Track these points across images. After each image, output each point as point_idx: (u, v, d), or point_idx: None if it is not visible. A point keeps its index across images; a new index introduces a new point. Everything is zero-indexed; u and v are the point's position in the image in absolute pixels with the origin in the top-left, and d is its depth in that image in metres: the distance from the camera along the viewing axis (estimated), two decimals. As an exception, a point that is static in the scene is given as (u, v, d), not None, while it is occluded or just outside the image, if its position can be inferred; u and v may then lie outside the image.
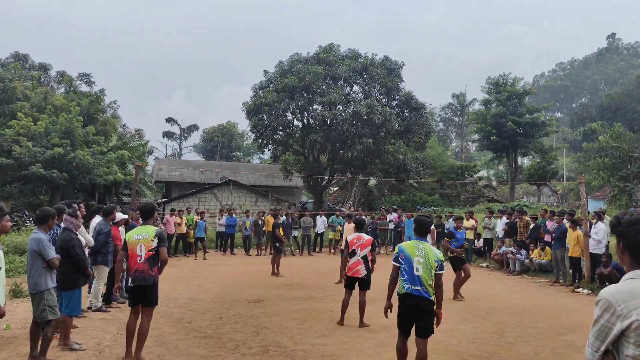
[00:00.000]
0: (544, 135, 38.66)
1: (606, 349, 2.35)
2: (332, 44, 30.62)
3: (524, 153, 39.92)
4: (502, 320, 8.84)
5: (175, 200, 27.27)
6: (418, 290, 5.25)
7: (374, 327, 8.15)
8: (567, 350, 7.01)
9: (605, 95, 62.08)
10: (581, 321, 8.79)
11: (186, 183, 33.01)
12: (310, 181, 30.30)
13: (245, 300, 10.41)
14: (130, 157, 25.67)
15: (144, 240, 6.14)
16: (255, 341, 7.26)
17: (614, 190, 25.53)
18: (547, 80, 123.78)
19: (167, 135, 63.55)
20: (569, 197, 37.75)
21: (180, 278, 13.36)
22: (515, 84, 38.75)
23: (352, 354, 6.69)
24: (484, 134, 37.84)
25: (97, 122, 26.91)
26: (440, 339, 7.48)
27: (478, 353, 6.88)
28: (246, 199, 28.15)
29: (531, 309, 9.96)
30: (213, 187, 28.33)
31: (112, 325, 8.00)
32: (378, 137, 27.47)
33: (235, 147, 62.84)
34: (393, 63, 29.57)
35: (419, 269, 5.28)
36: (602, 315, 2.35)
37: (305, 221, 20.47)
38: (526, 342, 7.43)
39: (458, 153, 66.59)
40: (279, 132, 29.58)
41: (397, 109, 29.26)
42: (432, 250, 5.42)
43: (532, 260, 14.89)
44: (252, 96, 29.57)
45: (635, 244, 2.38)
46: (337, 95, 27.21)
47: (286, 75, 28.42)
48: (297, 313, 9.18)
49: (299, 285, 12.54)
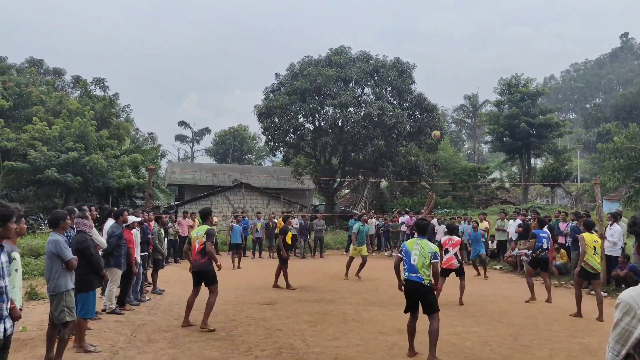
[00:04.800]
0: (557, 136, 38.35)
1: (627, 352, 2.30)
2: (343, 46, 30.64)
3: (537, 154, 39.62)
4: (517, 323, 8.74)
5: (188, 203, 27.39)
6: (412, 277, 6.55)
7: (387, 330, 8.12)
8: (582, 354, 6.91)
9: (620, 96, 61.33)
10: (597, 324, 8.66)
11: (199, 186, 33.15)
12: (321, 183, 30.28)
13: (258, 302, 10.41)
14: (143, 160, 25.82)
15: (199, 237, 8.06)
16: (268, 343, 7.26)
17: (629, 192, 25.15)
18: (560, 82, 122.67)
19: (180, 139, 63.93)
20: (584, 199, 37.35)
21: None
22: (528, 84, 38.46)
23: (365, 356, 6.66)
24: (496, 135, 37.62)
25: (111, 126, 27.15)
26: (454, 342, 7.43)
27: (493, 356, 6.81)
28: (258, 202, 28.19)
29: (546, 311, 9.85)
30: (225, 190, 28.41)
31: (126, 327, 8.04)
32: (389, 139, 27.39)
33: (247, 150, 63.02)
34: (404, 65, 29.49)
35: (415, 260, 6.53)
36: (623, 319, 2.30)
37: (317, 224, 20.46)
38: (541, 345, 7.35)
39: (470, 155, 66.23)
40: (290, 134, 29.63)
41: (409, 111, 29.16)
42: (427, 244, 6.63)
43: (546, 262, 14.72)
44: (264, 99, 29.65)
45: None
46: (348, 97, 27.19)
47: (297, 78, 28.45)
48: (310, 315, 9.16)
49: (311, 288, 12.53)
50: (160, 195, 28.20)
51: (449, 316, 9.28)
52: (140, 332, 7.75)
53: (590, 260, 9.29)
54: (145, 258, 10.74)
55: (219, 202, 27.57)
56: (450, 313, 9.58)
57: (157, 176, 30.54)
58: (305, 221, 20.53)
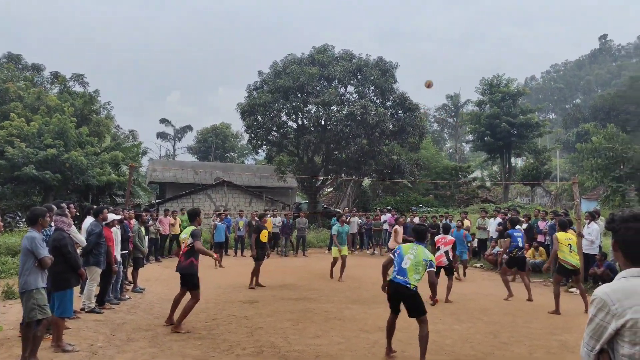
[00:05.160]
0: (537, 136, 38.83)
1: (601, 348, 2.34)
2: (327, 45, 30.64)
3: (517, 154, 40.08)
4: (496, 321, 8.85)
5: (169, 201, 27.18)
6: (399, 279, 6.35)
7: (368, 328, 8.15)
8: (561, 350, 7.02)
9: (598, 97, 62.31)
10: (575, 321, 8.80)
11: (180, 184, 32.92)
12: (304, 182, 30.27)
13: (240, 301, 10.38)
14: (124, 158, 25.49)
15: (184, 239, 8.03)
16: (249, 342, 7.23)
17: (607, 191, 25.64)
18: (541, 82, 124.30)
19: (161, 136, 63.42)
20: (563, 198, 37.91)
21: (175, 279, 13.16)
22: (509, 85, 38.87)
23: (347, 354, 6.68)
24: (478, 135, 37.96)
25: (91, 122, 26.74)
26: (435, 340, 7.47)
27: (473, 353, 6.88)
28: (240, 200, 28.09)
29: (525, 309, 9.98)
30: (207, 188, 28.25)
31: (106, 326, 7.95)
32: (372, 138, 27.48)
33: (229, 147, 62.73)
34: (387, 64, 29.60)
35: (407, 264, 6.36)
36: (597, 315, 2.34)
37: (300, 222, 20.45)
38: (520, 342, 7.44)
39: (452, 154, 66.78)
40: (273, 132, 29.56)
41: (392, 110, 29.29)
42: (424, 251, 6.44)
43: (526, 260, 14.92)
44: (247, 97, 29.53)
45: (626, 241, 2.39)
46: (332, 95, 27.21)
47: (281, 76, 28.40)
48: (292, 314, 9.16)
49: (294, 286, 12.52)
50: (141, 193, 27.90)
51: (430, 314, 9.28)
52: (120, 331, 7.66)
53: (568, 257, 9.55)
54: (125, 256, 10.63)
55: (200, 201, 27.40)
56: (432, 311, 9.61)
57: (138, 174, 30.22)
58: (287, 219, 20.51)
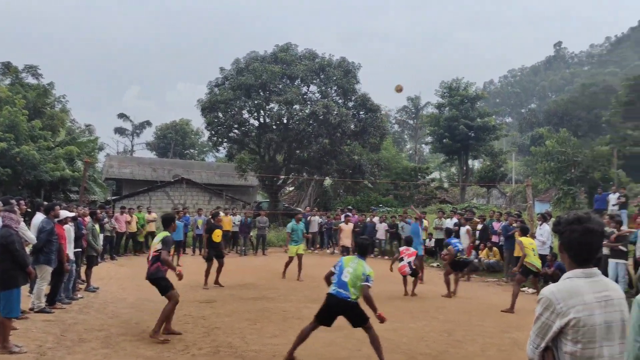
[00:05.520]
0: (494, 138, 39.75)
1: (546, 345, 2.42)
2: (290, 44, 30.58)
3: (474, 156, 40.95)
4: (452, 319, 9.03)
5: (126, 198, 26.60)
6: (340, 292, 6.22)
7: (326, 327, 8.15)
8: (512, 348, 7.23)
9: (552, 102, 64.46)
10: (526, 319, 9.07)
11: (137, 181, 32.26)
12: (265, 180, 30.13)
13: (197, 300, 10.23)
14: (79, 153, 24.74)
15: (155, 244, 7.60)
16: (205, 342, 7.15)
17: (559, 193, 26.51)
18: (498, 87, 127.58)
19: (119, 132, 61.81)
20: (517, 199, 39.03)
21: (130, 278, 13.03)
22: (468, 88, 39.69)
23: (303, 353, 6.67)
24: (437, 137, 38.58)
25: (45, 116, 25.85)
26: (391, 338, 7.58)
27: (428, 351, 7.00)
28: (199, 198, 27.73)
29: (479, 307, 10.23)
30: (165, 186, 27.79)
31: (56, 326, 7.70)
32: (334, 138, 27.60)
33: (189, 144, 61.79)
34: (350, 64, 29.79)
35: (347, 277, 6.25)
36: (543, 313, 2.42)
37: (260, 221, 20.34)
38: (474, 341, 7.62)
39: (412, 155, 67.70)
40: (234, 130, 29.31)
41: (353, 110, 29.49)
42: (363, 266, 6.34)
43: (480, 260, 15.31)
44: (208, 93, 29.18)
45: (571, 243, 2.48)
46: (294, 94, 27.18)
47: (243, 73, 28.18)
48: (250, 313, 9.10)
49: (253, 286, 12.45)
50: (97, 189, 27.16)
51: (387, 312, 9.37)
52: (71, 332, 7.44)
53: (533, 260, 10.13)
54: (78, 255, 10.33)
55: (158, 198, 26.92)
56: (389, 309, 9.73)
57: (93, 170, 29.41)
58: (245, 218, 20.37)
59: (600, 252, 11.21)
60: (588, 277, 2.44)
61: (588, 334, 2.34)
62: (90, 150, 27.76)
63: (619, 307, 2.44)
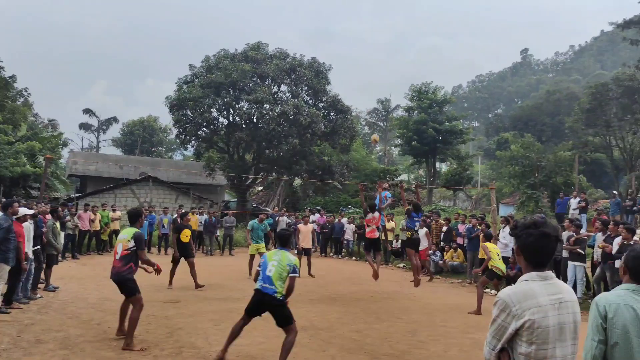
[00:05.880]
0: (461, 142, 40.37)
1: (502, 346, 2.48)
2: (261, 42, 30.43)
3: (442, 159, 41.47)
4: (415, 320, 9.13)
5: (90, 196, 26.02)
6: (266, 288, 6.15)
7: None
8: (473, 348, 7.35)
9: (518, 107, 65.99)
10: (487, 320, 9.23)
11: (103, 178, 31.58)
12: (234, 180, 29.89)
13: (161, 300, 10.07)
14: (41, 148, 24.09)
15: (124, 241, 6.98)
16: (168, 342, 7.05)
17: (522, 197, 27.09)
18: (467, 91, 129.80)
19: (84, 127, 60.43)
20: (482, 202, 39.75)
21: (92, 277, 12.76)
22: (437, 92, 40.23)
23: (267, 354, 6.65)
24: (405, 139, 38.93)
25: (5, 110, 25.10)
26: (355, 338, 7.63)
27: (391, 352, 7.06)
28: (166, 196, 27.33)
29: (442, 308, 10.37)
30: (131, 183, 27.29)
31: (12, 327, 7.47)
32: (304, 138, 27.59)
33: (157, 142, 60.86)
34: (321, 65, 29.84)
35: (272, 271, 6.18)
36: (499, 315, 2.48)
37: (227, 220, 20.18)
38: (436, 341, 7.72)
39: (381, 157, 68.27)
40: (203, 128, 28.98)
41: (324, 111, 29.53)
42: (287, 257, 6.30)
43: (445, 261, 15.54)
44: (176, 90, 28.77)
45: (527, 246, 2.55)
46: (264, 94, 27.06)
47: (212, 71, 27.91)
48: (214, 314, 9.01)
49: (218, 286, 12.33)
50: (60, 186, 26.49)
51: (352, 313, 9.53)
52: (28, 332, 7.23)
53: (497, 263, 10.27)
54: (38, 253, 10.05)
55: (124, 196, 26.43)
56: (354, 310, 9.84)
57: (56, 166, 28.71)
58: (210, 217, 20.18)
59: (559, 255, 11.54)
60: (543, 280, 2.51)
61: (542, 336, 2.40)
62: (54, 145, 27.08)
63: (572, 309, 2.51)
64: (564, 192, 22.20)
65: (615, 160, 30.59)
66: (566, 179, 26.24)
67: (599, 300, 2.78)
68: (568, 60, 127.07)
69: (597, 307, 2.74)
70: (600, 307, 2.73)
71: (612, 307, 2.70)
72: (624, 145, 28.30)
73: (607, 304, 2.72)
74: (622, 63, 41.83)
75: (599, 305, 2.74)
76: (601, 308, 2.72)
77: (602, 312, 2.70)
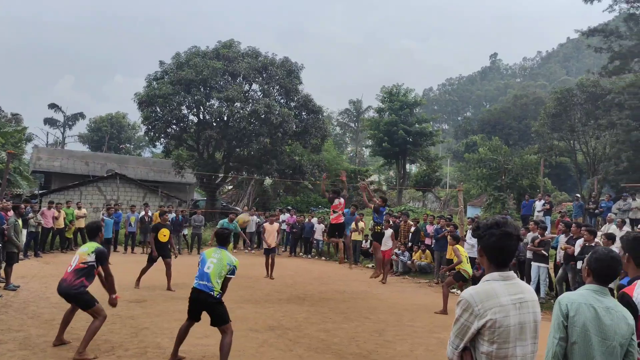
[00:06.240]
0: (431, 144, 40.87)
1: (465, 346, 2.52)
2: (233, 40, 30.19)
3: (412, 160, 41.89)
4: (383, 320, 9.20)
5: (54, 192, 25.39)
6: (202, 285, 6.03)
7: (258, 327, 8.13)
8: (438, 348, 7.45)
9: (486, 111, 67.13)
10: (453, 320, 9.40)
11: (68, 174, 30.89)
12: (203, 178, 29.57)
13: (126, 300, 9.87)
14: (3, 143, 23.42)
15: (83, 254, 6.56)
16: (133, 343, 6.94)
17: (489, 199, 27.56)
18: (437, 94, 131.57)
19: (50, 123, 58.86)
20: (451, 204, 40.32)
21: (55, 276, 12.39)
22: (407, 94, 40.62)
23: (235, 354, 6.59)
24: (376, 140, 39.21)
25: (-35, 102, 24.27)
26: (323, 338, 7.64)
27: (358, 351, 7.10)
28: (133, 194, 26.87)
29: (410, 308, 10.48)
30: (98, 180, 26.73)
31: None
32: (275, 137, 27.49)
33: (125, 139, 59.80)
34: (293, 65, 29.77)
35: (210, 268, 6.07)
36: (462, 315, 2.52)
37: (195, 219, 19.97)
38: (403, 340, 7.80)
39: (353, 157, 68.57)
40: (172, 125, 28.56)
41: (295, 111, 29.47)
42: (228, 256, 6.19)
43: (413, 262, 15.71)
44: (146, 87, 28.30)
45: (490, 246, 2.59)
46: (236, 92, 26.85)
47: (183, 68, 27.55)
48: (181, 313, 8.81)
49: (185, 285, 12.07)
50: (23, 182, 25.76)
51: (321, 313, 9.54)
52: (-14, 333, 7.01)
53: (466, 267, 10.47)
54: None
55: (90, 193, 25.88)
56: (322, 310, 9.85)
57: (19, 161, 27.91)
58: (177, 216, 19.92)
59: (523, 256, 11.80)
60: (505, 280, 2.56)
61: (503, 335, 2.45)
62: (17, 140, 26.37)
63: (532, 309, 2.57)
64: (529, 195, 22.67)
65: (578, 164, 31.43)
66: (532, 182, 26.83)
67: (561, 299, 2.86)
68: (535, 66, 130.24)
69: (559, 305, 2.82)
70: (563, 305, 2.81)
71: (573, 306, 2.78)
72: (587, 149, 29.10)
73: (569, 303, 2.80)
74: (586, 70, 43.09)
75: (562, 304, 2.82)
76: (563, 307, 2.80)
77: (564, 311, 2.78)
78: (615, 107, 26.10)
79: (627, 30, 27.44)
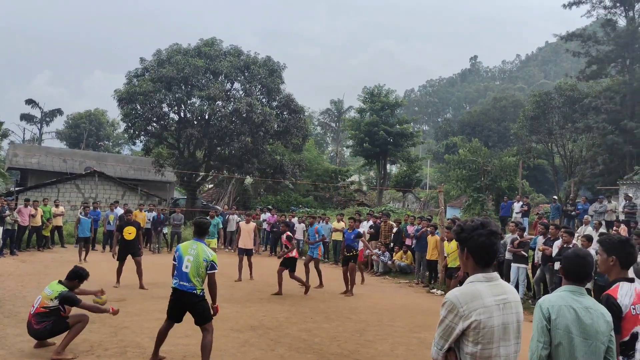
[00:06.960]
0: (411, 145, 41.15)
1: (449, 347, 2.55)
2: (215, 38, 29.99)
3: (392, 161, 42.14)
4: (364, 319, 9.25)
5: (31, 190, 24.93)
6: (183, 285, 5.80)
7: (240, 327, 8.11)
8: (419, 347, 7.52)
9: (466, 113, 67.90)
10: (434, 320, 9.48)
11: (45, 171, 30.30)
12: (184, 177, 29.34)
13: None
14: (-22, 139, 22.96)
15: (47, 298, 6.31)
16: (112, 342, 6.87)
17: (469, 200, 27.87)
18: (418, 95, 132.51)
19: (26, 119, 57.74)
20: (431, 204, 40.67)
21: (32, 275, 12.24)
22: (389, 95, 40.85)
23: (216, 354, 6.57)
24: (357, 141, 39.35)
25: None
26: (304, 338, 7.65)
27: (339, 351, 7.12)
28: (112, 192, 26.52)
29: (390, 308, 10.55)
30: (76, 178, 26.33)
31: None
32: (257, 136, 27.40)
33: (104, 136, 59.00)
34: (275, 64, 29.69)
35: (188, 267, 5.80)
36: (447, 316, 2.55)
37: (175, 218, 19.80)
38: (384, 340, 7.85)
39: (333, 157, 68.68)
40: (153, 123, 28.26)
41: (277, 110, 29.40)
42: (204, 251, 5.87)
43: (394, 262, 15.81)
44: (126, 83, 27.96)
45: (479, 247, 2.61)
46: (217, 90, 26.68)
47: (164, 65, 27.29)
48: (161, 313, 8.75)
49: (165, 284, 11.97)
50: (-2, 179, 25.29)
51: (301, 313, 9.55)
52: (-39, 333, 6.87)
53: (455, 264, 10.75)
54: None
55: (67, 191, 25.49)
56: (303, 310, 9.86)
57: (-6, 158, 27.36)
58: (157, 214, 19.74)
59: (503, 257, 11.96)
60: (488, 281, 2.60)
61: (487, 335, 2.49)
62: (-8, 136, 25.81)
63: (515, 309, 2.62)
64: (508, 196, 23.00)
65: (556, 167, 31.94)
66: (510, 184, 27.22)
67: (542, 303, 2.92)
68: (514, 69, 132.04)
69: (540, 309, 2.88)
70: (544, 309, 2.87)
71: (554, 309, 2.84)
72: (564, 152, 29.60)
73: (549, 306, 2.86)
74: (564, 73, 43.85)
75: (543, 307, 2.88)
76: (544, 310, 2.86)
77: (546, 314, 2.84)
78: (592, 110, 26.59)
79: (604, 36, 27.99)
